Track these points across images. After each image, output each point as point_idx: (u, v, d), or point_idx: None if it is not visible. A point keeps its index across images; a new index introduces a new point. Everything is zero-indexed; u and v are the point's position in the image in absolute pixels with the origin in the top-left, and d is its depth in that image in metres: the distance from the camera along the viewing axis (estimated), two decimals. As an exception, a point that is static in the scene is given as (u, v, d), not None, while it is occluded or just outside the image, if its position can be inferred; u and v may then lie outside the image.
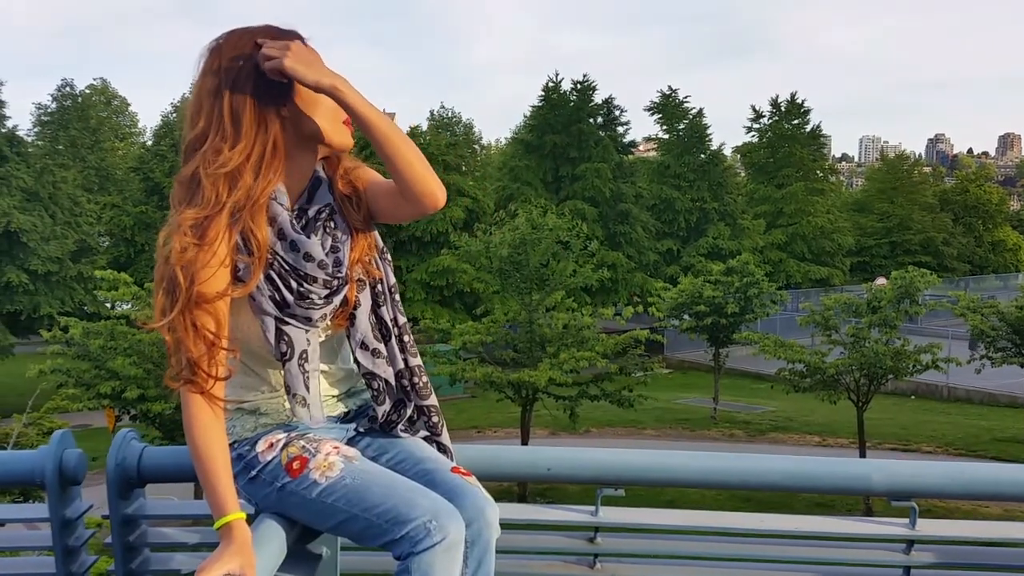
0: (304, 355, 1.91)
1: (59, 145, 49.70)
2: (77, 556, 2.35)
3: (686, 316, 25.12)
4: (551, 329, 18.79)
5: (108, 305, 25.67)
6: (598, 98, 41.65)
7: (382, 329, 2.04)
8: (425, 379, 2.11)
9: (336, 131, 1.92)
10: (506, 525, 2.07)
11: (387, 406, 2.05)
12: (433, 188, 1.88)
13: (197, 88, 1.86)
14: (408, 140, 1.87)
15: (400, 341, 2.07)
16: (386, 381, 2.03)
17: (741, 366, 30.20)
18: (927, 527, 2.40)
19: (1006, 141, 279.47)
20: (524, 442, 18.43)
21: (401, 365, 2.06)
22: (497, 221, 23.05)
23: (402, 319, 2.09)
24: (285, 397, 1.93)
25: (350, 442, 2.07)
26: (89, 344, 15.56)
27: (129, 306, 17.22)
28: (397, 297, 2.09)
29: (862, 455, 18.62)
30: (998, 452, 20.65)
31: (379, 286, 2.04)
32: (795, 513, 2.58)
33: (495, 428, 23.47)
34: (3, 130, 32.32)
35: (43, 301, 29.83)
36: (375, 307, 2.04)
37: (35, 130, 52.03)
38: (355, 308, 1.99)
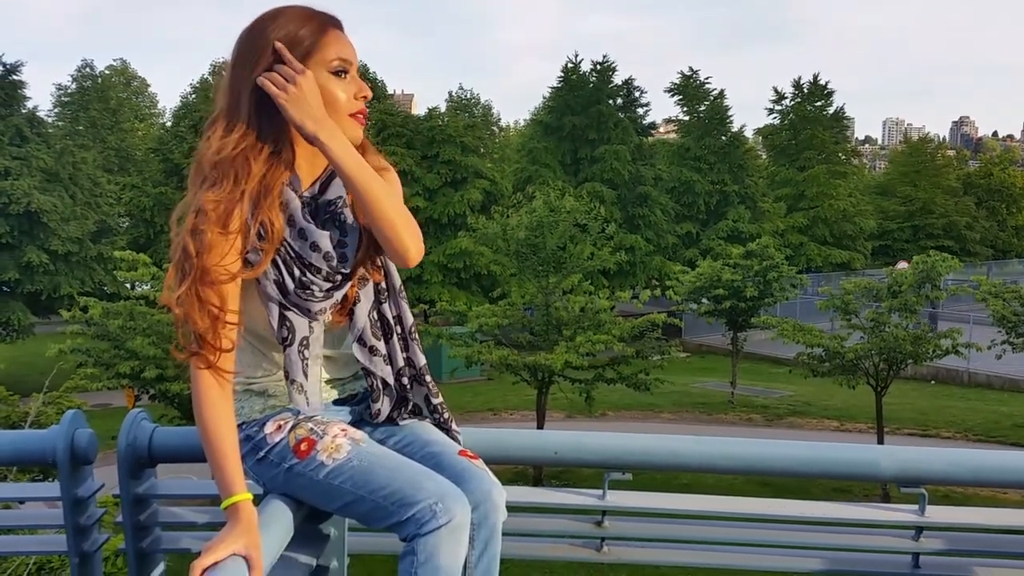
0: (305, 342, 1.92)
1: (79, 126, 49.94)
2: (89, 534, 2.38)
3: (704, 300, 24.97)
4: (568, 312, 18.76)
5: (127, 285, 25.87)
6: (618, 79, 41.35)
7: (383, 327, 2.04)
8: (430, 378, 2.12)
9: (345, 124, 1.89)
10: (513, 508, 2.08)
11: (382, 404, 2.05)
12: (407, 246, 1.87)
13: (225, 72, 1.91)
14: (390, 195, 1.86)
15: (403, 340, 2.07)
16: (383, 380, 2.04)
17: (759, 350, 30.08)
18: (936, 514, 2.39)
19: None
20: (540, 425, 18.47)
21: (402, 364, 2.06)
22: (515, 203, 22.95)
23: (409, 318, 2.08)
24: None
25: (358, 424, 2.08)
26: (108, 324, 15.66)
27: (148, 287, 17.34)
28: (404, 294, 2.09)
29: (880, 440, 18.54)
30: (1018, 438, 20.48)
31: (382, 283, 2.04)
32: (812, 498, 2.59)
33: (511, 411, 23.49)
34: (24, 111, 32.42)
35: (63, 281, 30.01)
36: (377, 304, 2.04)
37: (55, 111, 52.30)
38: (354, 304, 2.00)
